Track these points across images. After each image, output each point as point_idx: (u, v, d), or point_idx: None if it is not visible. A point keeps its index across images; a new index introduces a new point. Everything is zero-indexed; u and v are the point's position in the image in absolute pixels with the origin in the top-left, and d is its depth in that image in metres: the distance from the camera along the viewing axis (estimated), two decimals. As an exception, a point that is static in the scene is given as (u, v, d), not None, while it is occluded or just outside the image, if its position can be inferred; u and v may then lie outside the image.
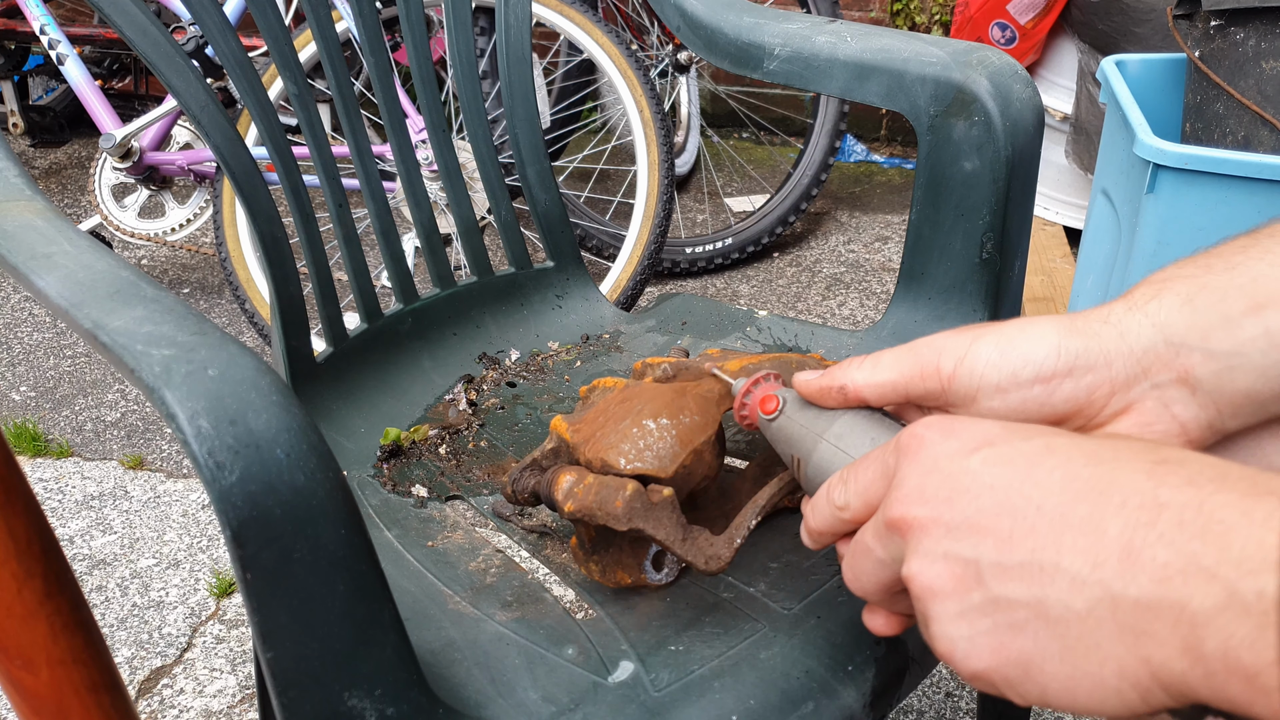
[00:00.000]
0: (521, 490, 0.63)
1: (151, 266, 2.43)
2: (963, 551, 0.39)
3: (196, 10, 0.79)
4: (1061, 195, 2.31)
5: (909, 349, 0.49)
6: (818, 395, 0.52)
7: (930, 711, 1.26)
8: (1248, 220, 1.25)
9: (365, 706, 0.46)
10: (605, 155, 2.69)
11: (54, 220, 0.56)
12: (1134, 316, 0.45)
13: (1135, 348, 0.45)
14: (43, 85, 2.80)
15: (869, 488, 0.45)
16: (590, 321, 0.99)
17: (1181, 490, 0.35)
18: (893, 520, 0.42)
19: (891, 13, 2.83)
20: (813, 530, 0.49)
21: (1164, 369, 0.45)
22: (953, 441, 0.41)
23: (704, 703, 0.54)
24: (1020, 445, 0.40)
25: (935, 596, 0.40)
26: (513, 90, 0.97)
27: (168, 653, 1.35)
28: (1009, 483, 0.39)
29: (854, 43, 0.84)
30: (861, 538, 0.45)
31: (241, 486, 0.40)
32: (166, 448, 1.78)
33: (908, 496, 0.41)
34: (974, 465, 0.40)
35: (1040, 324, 0.47)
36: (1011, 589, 0.37)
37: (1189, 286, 0.45)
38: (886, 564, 0.44)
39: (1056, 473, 0.38)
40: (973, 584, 0.39)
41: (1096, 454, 0.38)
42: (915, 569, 0.40)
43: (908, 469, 0.42)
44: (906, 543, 0.41)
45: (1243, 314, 0.43)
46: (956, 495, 0.40)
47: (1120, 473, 0.36)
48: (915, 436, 0.42)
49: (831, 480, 0.47)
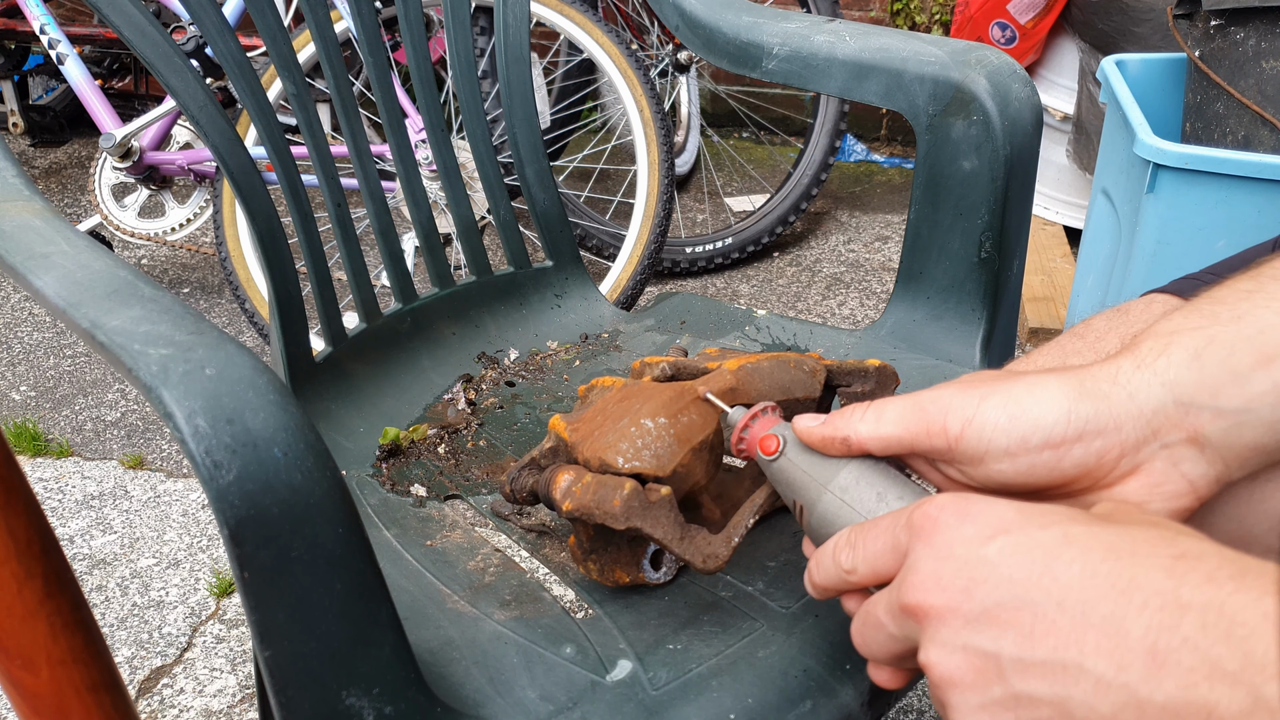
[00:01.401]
0: (520, 489, 0.63)
1: (151, 266, 2.43)
2: (983, 645, 0.39)
3: (195, 10, 0.79)
4: (1061, 195, 2.31)
5: (914, 403, 0.48)
6: (820, 445, 0.51)
7: (930, 711, 1.26)
8: (1248, 220, 1.26)
9: (363, 705, 0.46)
10: (605, 155, 2.69)
11: (52, 220, 0.56)
12: (1143, 375, 0.45)
13: (1145, 409, 0.45)
14: (43, 85, 2.81)
15: (877, 558, 0.45)
16: (589, 321, 0.99)
17: (1202, 589, 0.35)
18: (908, 606, 0.41)
19: (891, 12, 2.83)
20: (818, 585, 0.49)
21: (1173, 429, 0.44)
22: (968, 526, 0.41)
23: (702, 701, 0.54)
24: (1037, 535, 0.39)
25: (954, 687, 0.40)
26: (512, 90, 0.97)
27: (168, 652, 1.35)
28: (1028, 575, 0.38)
29: (853, 42, 0.84)
30: (873, 612, 0.45)
31: (239, 486, 0.40)
32: (166, 447, 1.78)
33: (923, 583, 0.41)
34: (991, 554, 0.39)
35: (1049, 385, 0.46)
36: (1034, 686, 0.37)
37: (1196, 340, 0.45)
38: (899, 640, 0.43)
39: (1075, 565, 0.38)
40: (994, 678, 0.38)
41: (1115, 546, 0.38)
42: (934, 659, 0.40)
43: (921, 552, 0.42)
44: (923, 630, 0.41)
45: (1251, 368, 0.43)
46: (974, 586, 0.39)
47: (1140, 569, 0.36)
48: (929, 518, 0.42)
49: (838, 541, 0.47)
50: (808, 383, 0.62)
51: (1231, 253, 0.61)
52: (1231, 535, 0.50)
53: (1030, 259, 2.13)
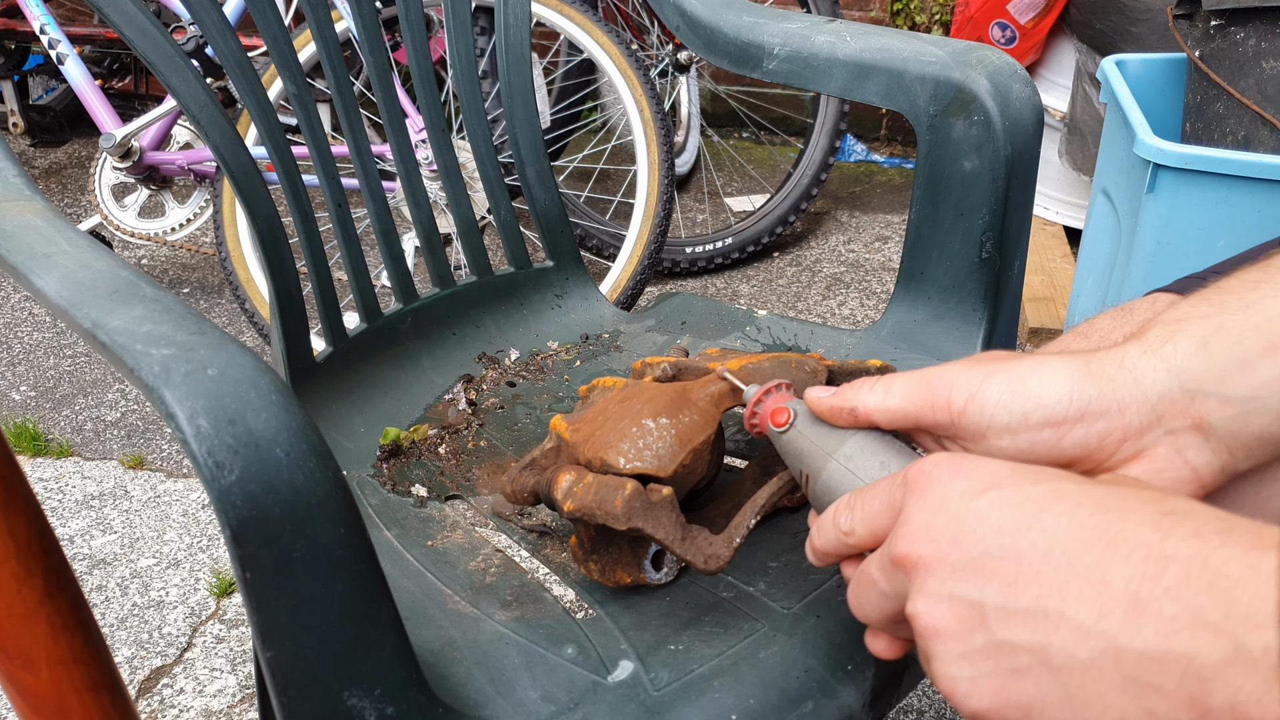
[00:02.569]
0: (521, 490, 0.63)
1: (151, 266, 2.43)
2: (967, 593, 0.39)
3: (196, 10, 0.79)
4: (1061, 195, 2.31)
5: (921, 378, 0.49)
6: (829, 414, 0.51)
7: (930, 711, 1.26)
8: (1248, 220, 1.26)
9: (365, 706, 0.46)
10: (605, 155, 2.69)
11: (53, 220, 0.56)
12: (1149, 360, 0.45)
13: (1150, 394, 0.45)
14: (43, 85, 2.80)
15: (875, 518, 0.45)
16: (590, 321, 0.99)
17: (1188, 543, 0.35)
18: (898, 557, 0.42)
19: (891, 12, 2.83)
20: (818, 550, 0.49)
21: (1178, 415, 0.44)
22: (961, 481, 0.41)
23: (703, 702, 0.54)
24: (1028, 489, 0.40)
25: (938, 636, 0.40)
26: (512, 90, 0.97)
27: (168, 652, 1.35)
28: (1016, 527, 0.39)
29: (853, 42, 0.84)
30: (867, 569, 0.45)
31: (241, 486, 0.40)
32: (166, 447, 1.78)
33: (913, 534, 0.41)
34: (981, 507, 0.40)
35: (1054, 365, 0.46)
36: (1015, 634, 0.38)
37: (1204, 328, 0.45)
38: (890, 597, 0.44)
39: (1063, 519, 0.38)
40: (976, 626, 0.39)
41: (1104, 502, 0.38)
42: (920, 608, 0.41)
43: (914, 506, 0.42)
44: (911, 580, 0.41)
45: (1258, 356, 0.43)
46: (963, 536, 0.40)
47: (1127, 523, 0.36)
48: (923, 474, 0.42)
49: (839, 504, 0.47)
50: (808, 383, 0.62)
51: (1231, 253, 0.61)
52: None
53: (1030, 259, 2.13)
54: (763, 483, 0.61)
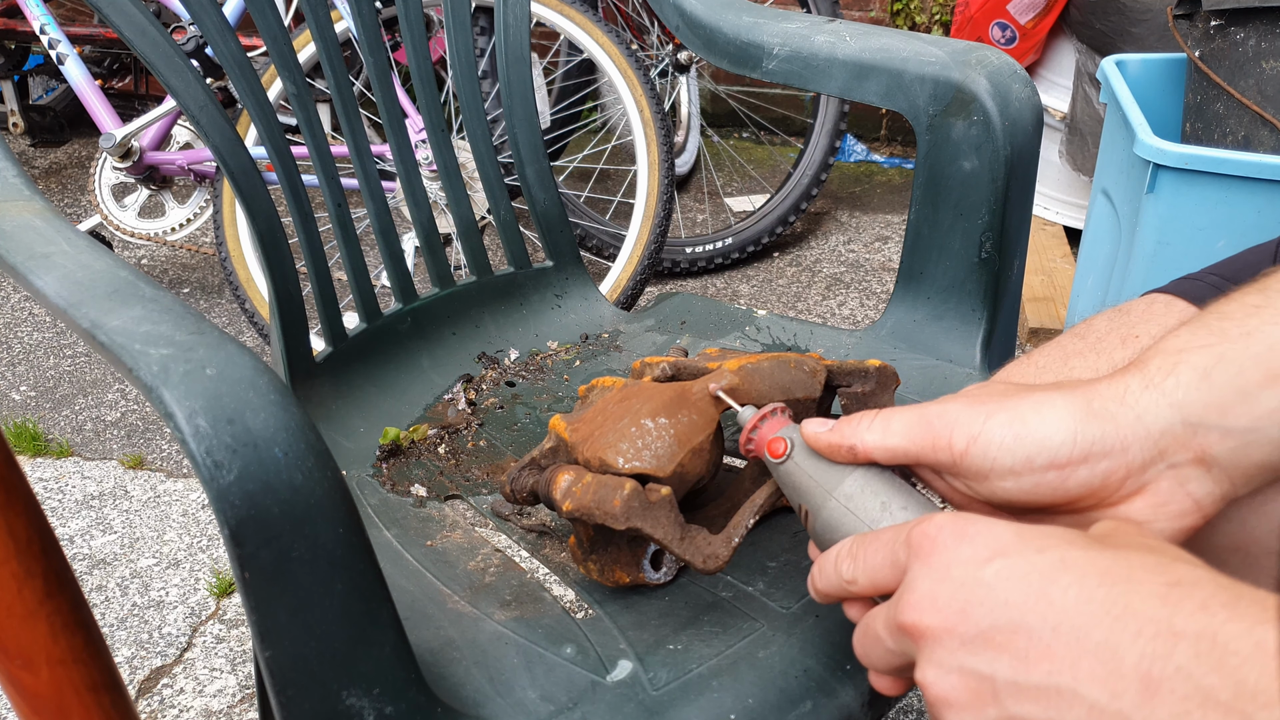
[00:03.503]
0: (520, 489, 0.63)
1: (151, 266, 2.43)
2: (978, 666, 0.39)
3: (196, 10, 0.79)
4: (1061, 195, 2.31)
5: (921, 416, 0.48)
6: (827, 451, 0.51)
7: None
8: (1248, 220, 1.26)
9: (364, 705, 0.46)
10: (605, 155, 2.69)
11: (52, 220, 0.56)
12: (1150, 395, 0.45)
13: (1153, 430, 0.44)
14: (43, 85, 2.80)
15: (877, 572, 0.45)
16: (589, 321, 0.99)
17: (1195, 618, 0.35)
18: (905, 625, 0.42)
19: (891, 12, 2.83)
20: (820, 591, 0.49)
21: (1181, 449, 0.44)
22: (966, 548, 0.41)
23: (702, 701, 0.54)
24: (1034, 559, 0.39)
25: (950, 708, 0.40)
26: (512, 90, 0.97)
27: (168, 652, 1.35)
28: (1023, 599, 0.38)
29: (853, 42, 0.84)
30: (872, 626, 0.45)
31: (240, 485, 0.40)
32: (166, 447, 1.78)
33: (919, 603, 0.41)
34: (988, 577, 0.40)
35: (1056, 404, 0.46)
36: (1028, 709, 0.38)
37: (1205, 358, 0.44)
38: (897, 654, 0.44)
39: (1071, 591, 0.38)
40: (988, 700, 0.39)
41: (1110, 571, 0.38)
42: (930, 678, 0.41)
43: (919, 571, 0.42)
44: (919, 649, 0.41)
45: (1259, 387, 0.43)
46: (970, 608, 0.40)
47: (1135, 596, 0.37)
48: (928, 538, 0.42)
49: (840, 551, 0.47)
50: (808, 383, 0.62)
51: (1231, 253, 0.61)
52: (1234, 538, 0.50)
53: (1030, 259, 2.13)
54: (761, 483, 0.61)
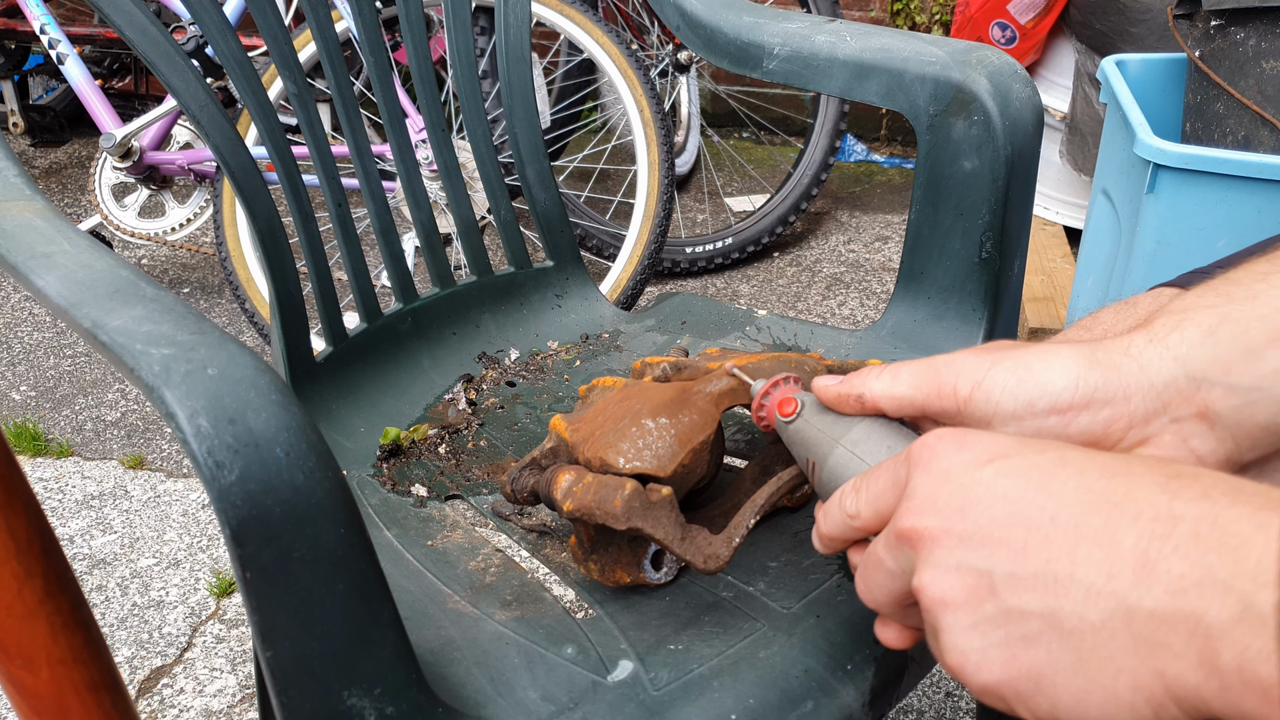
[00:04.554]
0: (521, 489, 0.63)
1: (151, 266, 2.43)
2: (975, 562, 0.39)
3: (196, 10, 0.79)
4: (1061, 195, 2.31)
5: (928, 365, 0.49)
6: (835, 401, 0.52)
7: (930, 711, 1.26)
8: (1248, 220, 1.26)
9: (365, 705, 0.46)
10: (605, 155, 2.69)
11: (53, 220, 0.56)
12: (1155, 349, 0.45)
13: (1155, 382, 0.45)
14: (43, 85, 2.81)
15: (880, 496, 0.45)
16: (590, 321, 0.99)
17: (1196, 504, 0.34)
18: (903, 531, 0.41)
19: (892, 12, 2.83)
20: (824, 536, 0.49)
21: (1184, 404, 0.44)
22: (966, 453, 0.41)
23: (703, 702, 0.54)
24: (1034, 457, 0.39)
25: (947, 608, 0.40)
26: (512, 90, 0.97)
27: (168, 652, 1.35)
28: (1022, 494, 0.38)
29: (853, 42, 0.84)
30: (873, 549, 0.45)
31: (241, 485, 0.40)
32: (166, 447, 1.78)
33: (919, 507, 0.41)
34: (987, 476, 0.40)
35: (1061, 353, 0.46)
36: (1025, 600, 0.37)
37: (1211, 317, 0.45)
38: (898, 575, 0.43)
39: (1070, 484, 0.38)
40: (985, 595, 0.38)
41: (1110, 467, 0.38)
42: (926, 580, 0.40)
43: (919, 479, 0.42)
44: (917, 554, 0.41)
45: (1265, 346, 0.43)
46: (969, 506, 0.39)
47: (1135, 485, 0.36)
48: (927, 447, 0.42)
49: (844, 488, 0.47)
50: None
51: (1231, 253, 0.61)
52: None
53: (1030, 259, 2.13)
54: (762, 482, 0.61)
